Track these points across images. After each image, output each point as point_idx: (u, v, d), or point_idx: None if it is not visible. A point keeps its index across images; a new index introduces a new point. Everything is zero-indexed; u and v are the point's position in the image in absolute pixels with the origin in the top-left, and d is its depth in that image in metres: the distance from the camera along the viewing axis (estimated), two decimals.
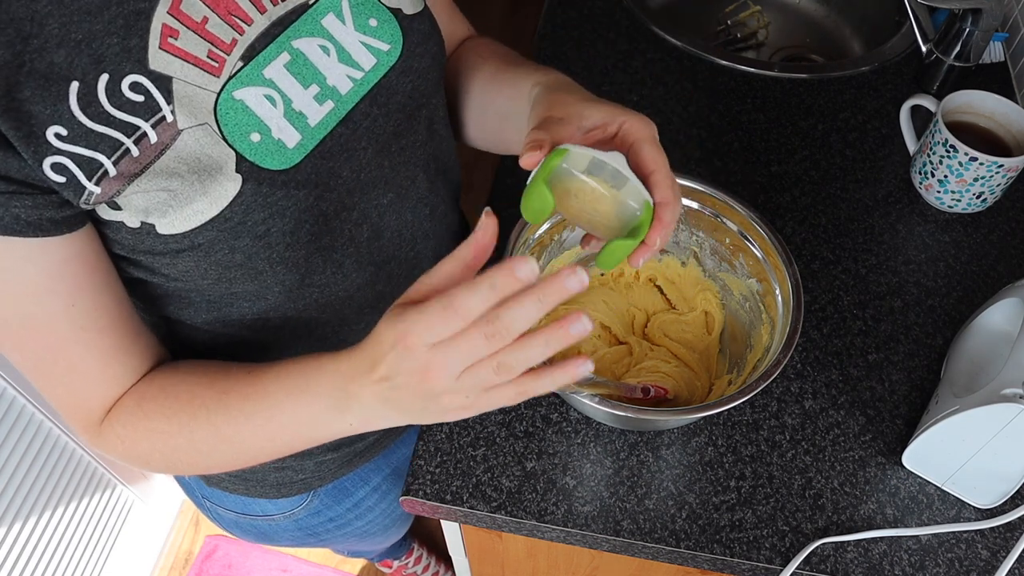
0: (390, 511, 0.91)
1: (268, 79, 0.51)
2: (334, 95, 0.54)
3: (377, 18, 0.57)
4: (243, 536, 0.86)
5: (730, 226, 0.74)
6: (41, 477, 1.21)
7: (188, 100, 0.48)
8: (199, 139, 0.48)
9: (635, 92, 1.04)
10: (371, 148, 0.57)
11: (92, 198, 0.46)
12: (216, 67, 0.49)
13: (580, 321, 0.40)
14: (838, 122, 1.01)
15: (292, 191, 0.52)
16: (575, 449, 0.73)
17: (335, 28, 0.55)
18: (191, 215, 0.48)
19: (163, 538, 1.57)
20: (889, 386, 0.78)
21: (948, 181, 0.87)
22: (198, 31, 0.48)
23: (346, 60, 0.55)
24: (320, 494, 0.80)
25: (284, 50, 0.52)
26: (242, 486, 0.76)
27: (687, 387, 0.75)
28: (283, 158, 0.51)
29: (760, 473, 0.72)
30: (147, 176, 0.47)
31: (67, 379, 0.53)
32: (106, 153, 0.46)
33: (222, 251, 0.51)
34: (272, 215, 0.51)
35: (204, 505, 0.83)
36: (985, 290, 0.84)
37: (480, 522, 0.71)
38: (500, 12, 2.62)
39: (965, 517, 0.70)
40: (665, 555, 0.69)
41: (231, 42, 0.50)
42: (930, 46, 1.03)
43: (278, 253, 0.54)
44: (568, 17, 1.13)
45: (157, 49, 0.47)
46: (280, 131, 0.51)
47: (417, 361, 0.41)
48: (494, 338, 0.40)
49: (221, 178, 0.48)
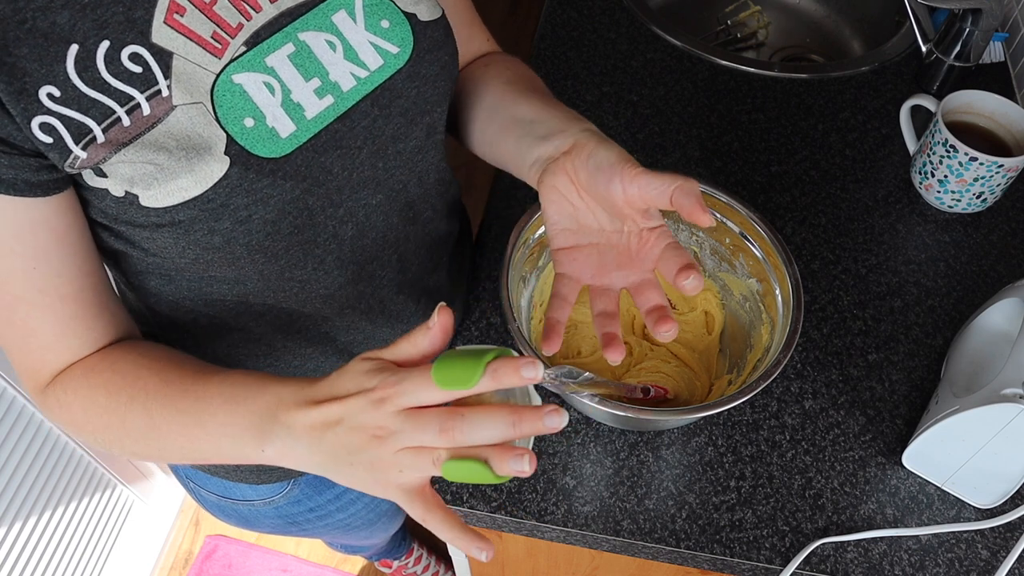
0: (373, 506, 0.91)
1: (269, 67, 0.51)
2: (335, 91, 0.54)
3: (390, 20, 0.57)
4: (226, 520, 0.87)
5: (730, 226, 0.74)
6: (41, 477, 1.21)
7: (187, 77, 0.48)
8: (192, 117, 0.48)
9: (635, 92, 1.04)
10: (366, 148, 0.57)
11: (77, 162, 0.47)
12: (219, 48, 0.49)
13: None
14: (838, 122, 1.02)
15: (279, 180, 0.52)
16: (575, 449, 0.73)
17: (345, 25, 0.55)
18: (175, 190, 0.49)
19: (163, 538, 1.57)
20: (889, 386, 0.78)
21: (948, 181, 0.87)
22: (205, 11, 0.49)
23: (352, 58, 0.55)
24: (301, 483, 0.80)
25: (289, 40, 0.52)
26: (222, 469, 0.76)
27: (687, 387, 0.75)
28: (274, 146, 0.51)
29: (760, 473, 0.72)
30: (135, 147, 0.47)
31: (22, 340, 0.53)
32: (96, 119, 0.46)
33: (201, 231, 0.51)
34: (255, 201, 0.51)
35: (188, 486, 0.84)
36: (985, 290, 0.84)
37: (480, 522, 0.71)
38: (500, 12, 2.62)
39: (965, 517, 0.70)
40: (665, 555, 0.69)
41: (237, 26, 0.50)
42: (930, 46, 1.03)
43: (258, 241, 0.54)
44: (568, 17, 1.13)
45: (162, 23, 0.47)
46: (275, 119, 0.51)
47: (379, 420, 0.41)
48: (450, 433, 0.40)
49: (208, 158, 0.49)
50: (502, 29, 2.55)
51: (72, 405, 0.54)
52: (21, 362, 0.55)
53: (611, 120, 1.00)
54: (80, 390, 0.54)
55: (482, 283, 0.84)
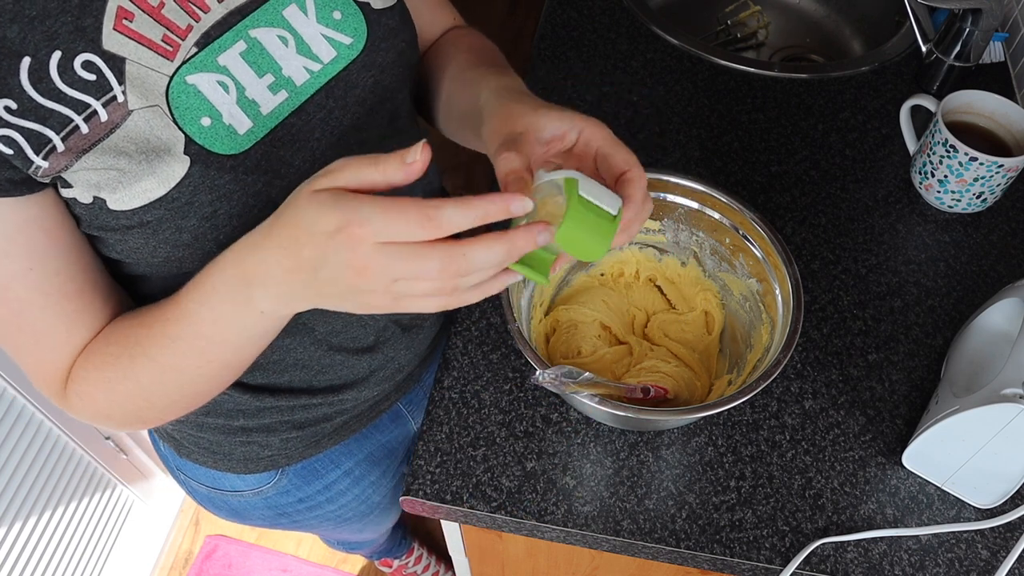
0: (364, 498, 0.91)
1: (222, 66, 0.52)
2: (289, 85, 0.55)
3: (342, 11, 0.57)
4: (217, 512, 0.87)
5: (730, 226, 0.74)
6: (41, 477, 1.21)
7: (140, 82, 0.49)
8: (149, 120, 0.49)
9: (635, 92, 1.04)
10: (325, 140, 0.57)
11: (40, 171, 0.47)
12: (170, 51, 0.50)
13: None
14: (838, 122, 1.02)
15: (240, 175, 0.52)
16: (575, 449, 0.73)
17: (296, 19, 0.55)
18: (139, 193, 0.49)
19: (163, 538, 1.57)
20: (889, 386, 0.78)
21: (948, 181, 0.87)
22: (153, 15, 0.49)
23: (305, 52, 0.55)
24: (289, 473, 0.81)
25: (240, 38, 0.53)
26: (210, 459, 0.76)
27: (687, 387, 0.75)
28: (233, 143, 0.52)
29: (760, 473, 0.72)
30: (95, 153, 0.48)
31: (34, 345, 0.54)
32: (55, 129, 0.46)
33: (169, 230, 0.52)
34: (219, 198, 0.52)
35: (179, 477, 0.84)
36: (985, 290, 0.84)
37: (480, 522, 0.71)
38: (500, 12, 2.62)
39: (965, 517, 0.70)
40: (665, 555, 0.69)
41: (186, 28, 0.51)
42: (930, 46, 1.03)
43: (226, 235, 0.54)
44: (568, 17, 1.13)
45: (111, 30, 0.48)
46: (231, 117, 0.52)
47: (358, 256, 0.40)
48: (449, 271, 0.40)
49: (169, 159, 0.49)
50: (502, 29, 2.55)
51: (91, 393, 0.55)
52: (36, 368, 0.55)
53: (611, 120, 1.00)
54: (90, 375, 0.54)
55: None
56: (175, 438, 0.77)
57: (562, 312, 0.79)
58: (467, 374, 0.77)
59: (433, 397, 0.76)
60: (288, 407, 0.72)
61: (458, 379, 0.77)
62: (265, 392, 0.70)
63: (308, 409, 0.73)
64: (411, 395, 0.87)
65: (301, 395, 0.72)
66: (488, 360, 0.78)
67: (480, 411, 0.75)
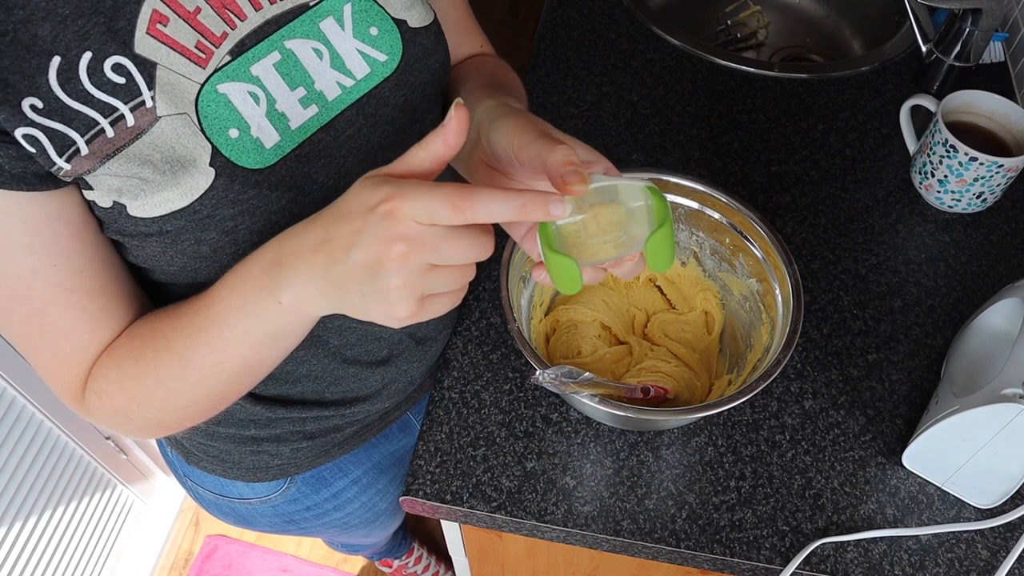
0: (371, 505, 0.91)
1: (255, 76, 0.51)
2: (320, 100, 0.54)
3: (379, 27, 0.56)
4: (224, 519, 0.87)
5: (730, 226, 0.74)
6: (41, 477, 1.21)
7: (171, 88, 0.48)
8: (176, 128, 0.48)
9: (635, 92, 1.04)
10: (352, 157, 0.56)
11: (61, 172, 0.46)
12: (203, 58, 0.49)
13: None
14: (838, 122, 1.02)
15: (264, 191, 0.51)
16: (575, 449, 0.73)
17: (333, 33, 0.54)
18: (161, 202, 0.48)
19: (163, 538, 1.57)
20: (889, 386, 0.78)
21: (948, 181, 0.87)
22: (189, 20, 0.48)
23: (339, 66, 0.54)
24: (297, 481, 0.80)
25: (275, 49, 0.52)
26: (219, 467, 0.76)
27: (687, 387, 0.75)
28: (259, 157, 0.51)
29: (760, 473, 0.72)
30: (119, 159, 0.47)
31: (55, 345, 0.52)
32: (80, 131, 0.46)
33: (188, 241, 0.51)
34: (241, 212, 0.51)
35: (186, 484, 0.84)
36: (985, 290, 0.84)
37: (480, 522, 0.71)
38: (500, 12, 2.62)
39: (965, 517, 0.70)
40: (665, 555, 0.69)
41: (221, 35, 0.50)
42: (930, 46, 1.03)
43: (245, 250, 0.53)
44: (568, 17, 1.13)
45: (144, 33, 0.47)
46: (259, 130, 0.51)
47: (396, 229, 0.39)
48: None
49: (193, 170, 0.48)
50: (502, 29, 2.55)
51: (110, 391, 0.53)
52: (56, 370, 0.54)
53: (611, 120, 1.00)
54: (110, 372, 0.53)
55: (482, 283, 0.84)
56: (184, 446, 0.76)
57: (562, 312, 0.79)
58: (467, 374, 0.77)
59: (433, 397, 0.76)
60: (299, 418, 0.72)
61: (458, 379, 0.77)
62: (277, 403, 0.70)
63: (319, 420, 0.73)
64: (420, 404, 0.87)
65: (313, 406, 0.72)
66: (488, 360, 0.78)
67: (480, 411, 0.75)
